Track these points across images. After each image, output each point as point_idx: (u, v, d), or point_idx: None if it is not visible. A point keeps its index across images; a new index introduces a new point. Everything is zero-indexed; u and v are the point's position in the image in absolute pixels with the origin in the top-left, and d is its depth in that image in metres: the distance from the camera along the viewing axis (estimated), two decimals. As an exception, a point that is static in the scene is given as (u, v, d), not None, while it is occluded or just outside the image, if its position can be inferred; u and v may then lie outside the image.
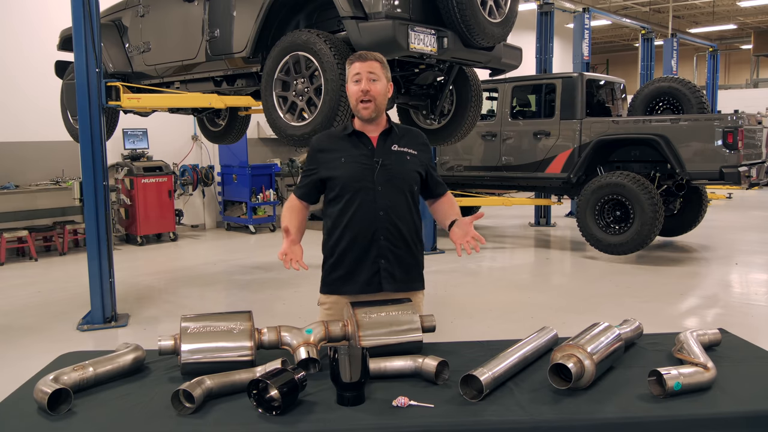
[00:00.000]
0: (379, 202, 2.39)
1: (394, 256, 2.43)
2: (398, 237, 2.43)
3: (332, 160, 2.43)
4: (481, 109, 5.26)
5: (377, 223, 2.40)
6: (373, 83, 2.36)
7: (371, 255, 2.41)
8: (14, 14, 8.44)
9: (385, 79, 2.40)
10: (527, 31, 12.21)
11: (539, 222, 10.66)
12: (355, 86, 2.37)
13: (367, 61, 2.37)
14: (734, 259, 7.71)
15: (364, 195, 2.39)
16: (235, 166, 10.25)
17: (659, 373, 1.77)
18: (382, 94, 2.40)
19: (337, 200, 2.43)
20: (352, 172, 2.39)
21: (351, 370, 1.74)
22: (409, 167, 2.45)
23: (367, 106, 2.37)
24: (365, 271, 2.42)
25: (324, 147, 2.47)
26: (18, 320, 5.46)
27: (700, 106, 8.26)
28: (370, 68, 2.36)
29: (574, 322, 4.56)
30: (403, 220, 2.44)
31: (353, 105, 2.40)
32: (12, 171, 8.31)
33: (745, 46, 26.04)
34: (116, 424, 1.68)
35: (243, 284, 6.78)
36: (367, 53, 2.41)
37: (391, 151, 2.43)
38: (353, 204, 2.39)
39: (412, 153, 2.46)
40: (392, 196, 2.41)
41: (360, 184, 2.39)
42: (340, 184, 2.41)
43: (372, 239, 2.40)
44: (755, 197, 14.19)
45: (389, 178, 2.40)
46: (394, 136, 2.46)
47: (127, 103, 5.29)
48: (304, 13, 4.54)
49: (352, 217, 2.40)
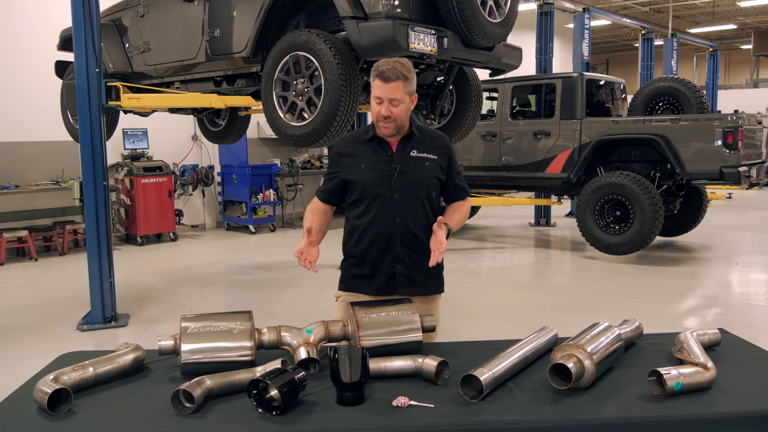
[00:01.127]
0: (395, 209, 2.42)
1: (411, 261, 2.45)
2: (415, 242, 2.45)
3: (353, 165, 2.46)
4: (481, 109, 5.26)
5: (393, 228, 2.43)
6: (395, 107, 2.34)
7: (388, 259, 2.45)
8: (14, 14, 8.44)
9: (407, 99, 2.36)
10: (527, 31, 12.21)
11: (539, 222, 10.66)
12: (377, 107, 2.37)
13: (389, 83, 2.31)
14: (734, 259, 7.71)
15: (382, 201, 2.42)
16: (235, 166, 10.25)
17: (659, 373, 1.77)
18: (404, 114, 2.38)
19: (356, 204, 2.48)
20: (371, 178, 2.42)
21: (351, 370, 1.74)
22: (428, 173, 2.46)
23: (388, 125, 2.38)
24: (382, 274, 2.47)
25: (345, 151, 2.50)
26: (18, 320, 5.46)
27: (700, 106, 8.25)
28: (392, 94, 2.32)
29: (574, 322, 4.56)
30: (420, 226, 2.44)
31: (374, 120, 2.41)
32: (12, 171, 8.31)
33: (745, 46, 26.04)
34: (116, 424, 1.68)
35: (243, 284, 6.78)
36: (390, 70, 2.30)
37: (410, 157, 2.44)
38: (372, 210, 2.43)
39: (431, 158, 2.46)
40: (409, 203, 2.43)
41: (378, 190, 2.42)
42: (359, 189, 2.45)
43: (388, 244, 2.44)
44: (755, 197, 14.19)
45: (407, 184, 2.42)
46: (414, 141, 2.46)
47: (127, 103, 5.29)
48: (304, 13, 4.54)
49: (371, 222, 2.44)
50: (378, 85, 2.34)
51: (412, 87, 2.38)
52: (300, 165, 10.86)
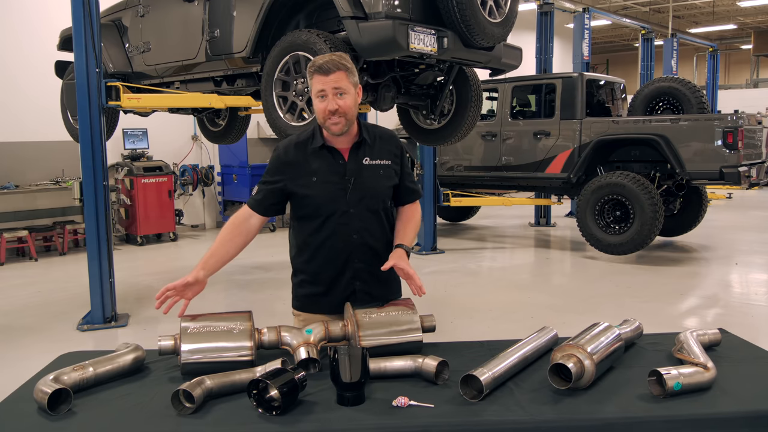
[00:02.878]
0: (351, 225, 2.27)
1: (369, 275, 2.32)
2: (374, 257, 2.30)
3: (302, 177, 2.26)
4: (481, 109, 5.25)
5: (351, 246, 2.29)
6: (341, 98, 2.16)
7: (346, 277, 2.32)
8: (14, 14, 8.45)
9: (353, 89, 2.20)
10: (527, 31, 12.21)
11: (539, 222, 10.66)
12: (321, 103, 2.17)
13: (331, 74, 2.15)
14: (734, 259, 7.71)
15: (338, 218, 2.26)
16: (235, 166, 10.24)
17: (659, 373, 1.77)
18: (352, 107, 2.20)
19: (308, 219, 2.31)
20: (325, 194, 2.25)
21: (351, 370, 1.74)
22: (382, 183, 2.32)
23: (338, 122, 2.18)
24: (340, 292, 2.32)
25: (292, 160, 2.28)
26: (18, 320, 5.46)
27: (700, 106, 8.26)
28: (335, 83, 2.15)
29: (574, 322, 4.56)
30: (377, 239, 2.33)
31: (320, 121, 2.22)
32: (12, 171, 8.31)
33: (745, 46, 26.05)
34: (116, 424, 1.68)
35: (243, 284, 6.77)
36: (329, 62, 2.15)
37: (362, 165, 2.28)
38: (327, 227, 2.28)
39: (385, 164, 2.32)
40: (365, 217, 2.29)
41: (333, 206, 2.26)
42: (312, 206, 2.27)
43: (346, 261, 2.30)
44: (755, 197, 14.19)
45: (361, 197, 2.27)
46: (365, 147, 2.30)
47: (127, 103, 5.29)
48: (304, 13, 4.54)
49: (326, 240, 2.29)
50: (318, 79, 2.16)
51: (355, 78, 2.21)
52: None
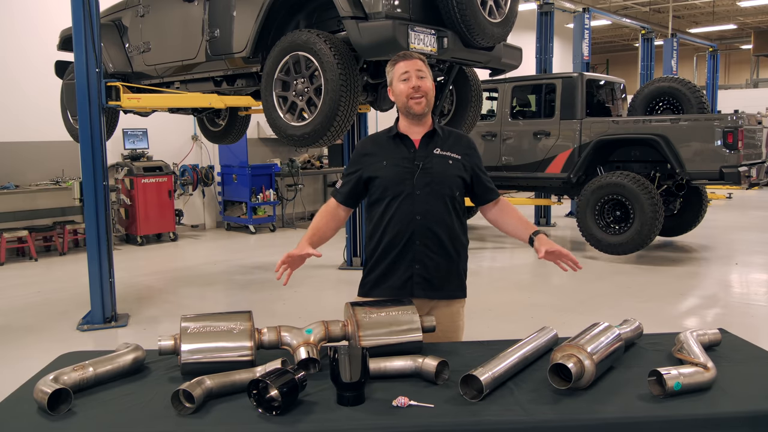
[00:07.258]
0: (416, 206, 2.36)
1: (430, 261, 2.38)
2: (435, 242, 2.38)
3: (375, 162, 2.42)
4: (481, 109, 5.26)
5: (414, 226, 2.36)
6: (422, 80, 2.36)
7: (407, 258, 2.38)
8: (15, 14, 8.44)
9: (431, 76, 2.41)
10: (527, 31, 12.21)
11: (539, 222, 10.66)
12: (404, 84, 2.36)
13: (413, 59, 2.38)
14: (734, 259, 7.71)
15: (404, 198, 2.36)
16: (235, 166, 10.25)
17: (659, 373, 1.77)
18: (431, 90, 2.39)
19: (378, 203, 2.42)
20: (393, 175, 2.38)
21: (351, 370, 1.74)
22: (451, 172, 2.40)
23: (420, 101, 2.35)
24: (399, 274, 2.39)
25: (368, 151, 2.47)
26: (18, 320, 5.46)
27: (700, 106, 8.25)
28: (417, 66, 2.36)
29: (574, 322, 4.56)
30: (441, 226, 2.38)
31: (403, 103, 2.38)
32: (12, 171, 8.31)
33: (745, 46, 26.04)
34: (116, 424, 1.68)
35: (243, 284, 6.77)
36: (411, 52, 2.43)
37: (433, 154, 2.39)
38: (392, 207, 2.37)
39: (455, 157, 2.41)
40: (431, 201, 2.36)
41: (399, 187, 2.36)
42: (381, 187, 2.39)
43: (408, 242, 2.37)
44: (755, 197, 14.19)
45: (428, 182, 2.36)
46: (437, 139, 2.42)
47: (127, 103, 5.29)
48: (304, 13, 4.54)
49: (391, 219, 2.38)
50: (402, 64, 2.37)
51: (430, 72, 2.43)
52: (300, 165, 10.86)
